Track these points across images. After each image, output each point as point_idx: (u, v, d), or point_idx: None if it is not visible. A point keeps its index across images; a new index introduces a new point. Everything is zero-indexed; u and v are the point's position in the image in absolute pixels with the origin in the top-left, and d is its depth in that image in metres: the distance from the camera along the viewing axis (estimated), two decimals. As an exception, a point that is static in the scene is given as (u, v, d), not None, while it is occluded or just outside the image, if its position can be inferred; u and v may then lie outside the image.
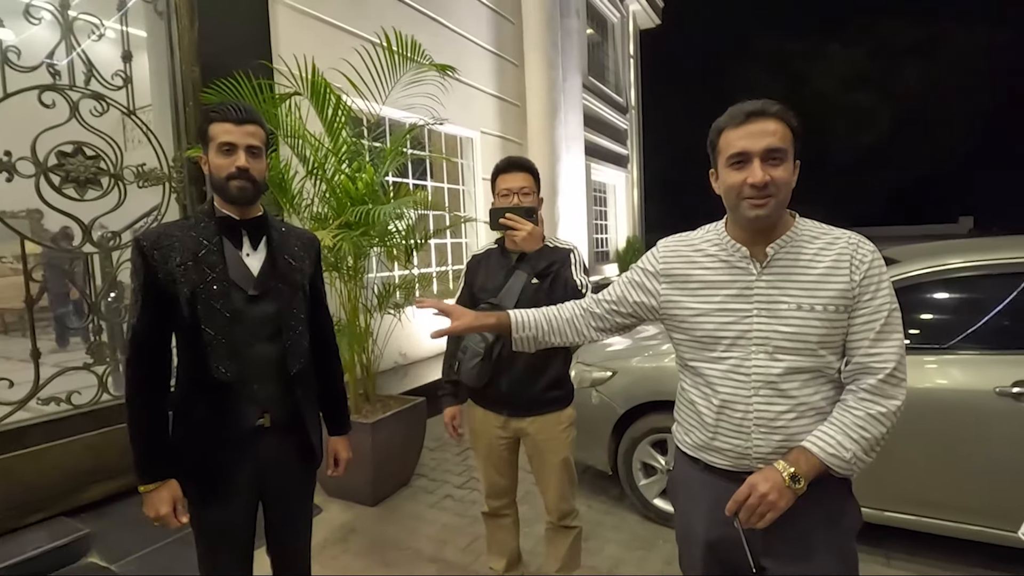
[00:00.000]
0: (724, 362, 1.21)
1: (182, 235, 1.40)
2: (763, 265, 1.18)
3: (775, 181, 1.11)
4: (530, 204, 1.93)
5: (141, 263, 1.37)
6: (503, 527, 2.21)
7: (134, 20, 3.12)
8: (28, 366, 2.63)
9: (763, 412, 1.17)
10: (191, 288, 1.37)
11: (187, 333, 1.40)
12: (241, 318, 1.43)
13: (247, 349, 1.44)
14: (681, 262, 1.30)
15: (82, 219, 2.78)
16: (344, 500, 3.16)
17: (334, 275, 3.16)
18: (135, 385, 1.40)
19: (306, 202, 3.20)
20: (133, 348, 1.39)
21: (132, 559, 2.46)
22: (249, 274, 1.46)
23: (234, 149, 1.39)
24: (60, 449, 2.63)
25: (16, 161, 2.55)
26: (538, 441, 2.00)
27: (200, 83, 3.18)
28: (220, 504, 1.45)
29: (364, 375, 3.29)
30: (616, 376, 2.92)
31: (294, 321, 1.52)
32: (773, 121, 1.13)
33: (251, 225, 1.48)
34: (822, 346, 1.14)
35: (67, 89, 2.72)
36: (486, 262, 2.06)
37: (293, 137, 3.13)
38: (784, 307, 1.15)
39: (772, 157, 1.12)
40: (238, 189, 1.40)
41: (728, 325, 1.20)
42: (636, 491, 2.89)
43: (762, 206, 1.13)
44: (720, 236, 1.26)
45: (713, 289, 1.23)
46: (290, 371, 1.50)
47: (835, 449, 1.10)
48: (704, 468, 1.28)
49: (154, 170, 3.04)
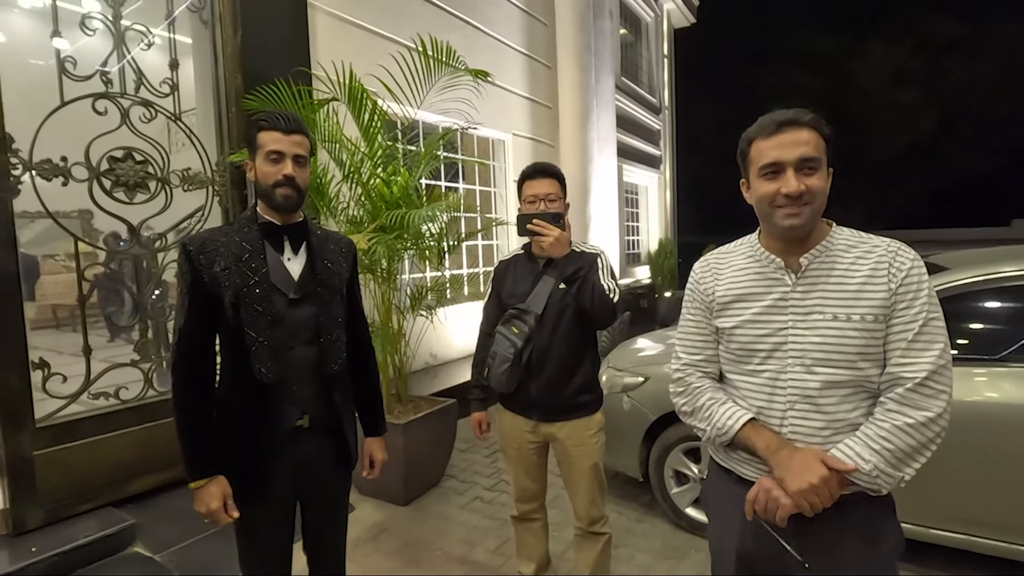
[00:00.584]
0: (760, 375, 1.20)
1: (226, 240, 1.45)
2: (798, 275, 1.16)
3: (810, 190, 1.11)
4: (556, 210, 1.93)
5: (188, 267, 1.41)
6: (532, 531, 2.22)
7: (181, 29, 3.24)
8: (80, 361, 2.76)
9: (798, 427, 1.15)
10: (235, 291, 1.41)
11: (230, 335, 1.44)
12: (282, 321, 1.47)
13: (287, 351, 1.47)
14: (715, 277, 1.29)
15: (131, 221, 2.90)
16: (376, 499, 3.21)
17: (368, 277, 3.21)
18: (182, 385, 1.44)
19: (342, 205, 3.26)
20: (180, 350, 1.43)
21: (174, 550, 2.55)
22: (290, 278, 1.50)
23: (282, 158, 1.43)
24: (109, 442, 2.75)
25: (71, 166, 2.67)
26: (567, 446, 2.00)
27: (242, 89, 3.27)
28: (260, 502, 1.49)
29: (396, 376, 3.33)
30: (648, 382, 2.89)
31: (332, 324, 1.56)
32: (806, 130, 1.12)
33: (292, 230, 1.52)
34: (862, 358, 1.11)
35: (118, 96, 2.84)
36: (513, 268, 2.07)
37: (330, 142, 3.20)
38: (820, 318, 1.13)
39: (806, 166, 1.11)
40: (283, 197, 1.44)
41: (764, 337, 1.19)
42: (668, 499, 2.85)
43: (797, 215, 1.12)
44: (754, 247, 1.25)
45: (748, 301, 1.22)
46: (328, 373, 1.54)
47: (854, 460, 1.07)
48: (737, 480, 1.26)
49: (198, 174, 3.15)
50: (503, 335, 1.96)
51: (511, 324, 1.96)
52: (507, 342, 1.93)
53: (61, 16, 2.69)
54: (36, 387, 2.56)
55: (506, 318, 1.99)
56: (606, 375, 3.18)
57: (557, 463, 2.09)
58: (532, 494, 2.14)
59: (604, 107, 7.72)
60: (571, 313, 1.92)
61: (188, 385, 1.44)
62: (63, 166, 2.64)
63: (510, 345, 1.92)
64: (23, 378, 2.50)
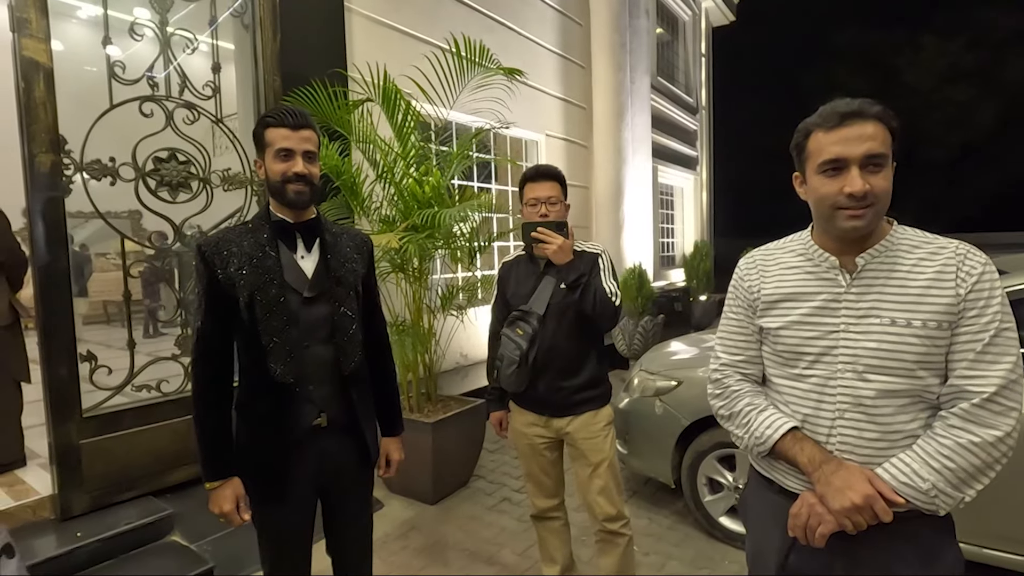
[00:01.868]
0: (806, 380, 1.12)
1: (240, 240, 1.44)
2: (853, 276, 1.08)
3: (875, 190, 1.02)
4: (557, 212, 1.97)
5: (203, 268, 1.41)
6: (553, 531, 2.19)
7: (223, 34, 3.33)
8: (125, 354, 2.86)
9: (847, 437, 1.07)
10: (249, 291, 1.41)
11: (247, 335, 1.44)
12: (297, 320, 1.45)
13: (303, 350, 1.46)
14: (761, 274, 1.22)
15: (174, 220, 3.00)
16: (405, 497, 3.23)
17: (399, 276, 3.23)
18: (200, 386, 1.45)
19: (375, 205, 3.30)
20: (198, 350, 1.44)
21: (210, 540, 2.61)
22: (304, 277, 1.48)
23: (291, 154, 1.42)
24: (150, 433, 2.84)
25: (119, 166, 2.77)
26: (578, 441, 2.02)
27: (281, 92, 3.35)
28: (280, 502, 1.49)
29: (426, 375, 3.34)
30: (682, 386, 2.82)
31: (347, 322, 1.54)
32: (872, 123, 1.02)
33: (305, 228, 1.50)
34: (921, 366, 1.02)
35: (164, 99, 2.93)
36: (516, 269, 2.11)
37: (364, 142, 3.24)
38: (876, 322, 1.05)
39: (872, 163, 1.02)
40: (295, 193, 1.42)
41: (812, 340, 1.11)
42: (701, 507, 2.77)
43: (859, 217, 1.03)
44: (806, 245, 1.17)
45: (795, 301, 1.14)
46: (344, 371, 1.52)
47: (908, 478, 0.99)
48: (779, 491, 1.19)
49: (237, 174, 3.23)
50: (508, 337, 1.99)
51: (515, 326, 1.99)
52: (512, 344, 1.97)
53: (112, 24, 2.80)
54: (84, 379, 2.66)
55: (510, 320, 2.03)
56: (638, 378, 3.12)
57: (571, 463, 2.09)
58: (548, 490, 2.14)
59: (639, 107, 7.61)
60: (574, 312, 1.95)
61: (206, 386, 1.45)
62: (111, 166, 2.75)
63: (516, 347, 1.95)
64: (71, 370, 2.60)
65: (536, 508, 2.17)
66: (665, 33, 10.28)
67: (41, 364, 2.55)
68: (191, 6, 3.13)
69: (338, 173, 3.15)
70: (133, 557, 2.49)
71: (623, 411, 3.13)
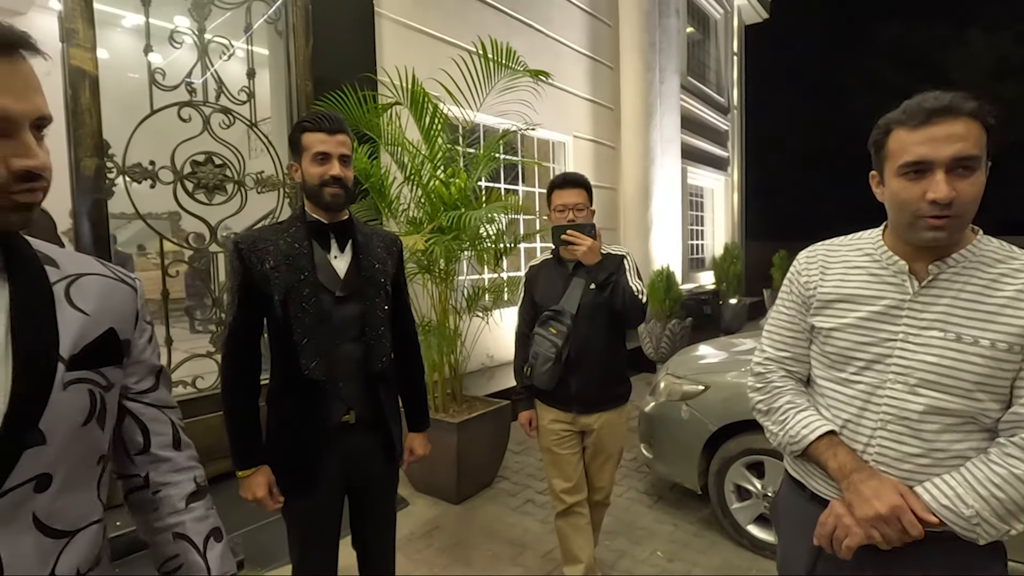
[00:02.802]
0: (852, 386, 1.07)
1: (276, 239, 1.48)
2: (922, 284, 1.01)
3: (961, 197, 0.92)
4: (583, 218, 2.07)
5: (239, 265, 1.45)
6: (578, 528, 2.21)
7: (258, 40, 3.43)
8: (163, 351, 2.96)
9: (887, 449, 1.02)
10: (283, 289, 1.44)
11: (279, 332, 1.47)
12: (328, 318, 1.48)
13: (334, 348, 1.49)
14: (822, 271, 1.15)
15: (210, 221, 3.09)
16: (430, 496, 3.26)
17: (426, 277, 3.27)
18: (231, 379, 1.49)
19: (403, 207, 3.34)
20: (230, 345, 1.48)
21: (240, 534, 2.68)
22: (336, 276, 1.51)
23: (328, 158, 1.45)
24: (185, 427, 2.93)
25: (158, 169, 2.88)
26: (602, 434, 2.16)
27: (312, 96, 3.43)
28: (308, 495, 1.53)
29: (452, 375, 3.37)
30: (709, 391, 2.77)
31: (377, 321, 1.56)
32: (964, 121, 0.92)
33: (338, 228, 1.53)
34: (981, 388, 0.95)
35: (201, 105, 3.03)
36: (544, 272, 2.20)
37: (393, 145, 3.28)
38: (938, 336, 0.98)
39: (960, 167, 0.92)
40: (332, 196, 1.46)
41: (864, 346, 1.05)
42: (728, 515, 2.72)
43: (942, 227, 0.94)
44: (875, 244, 1.10)
45: (853, 303, 1.08)
46: (372, 370, 1.55)
47: (950, 502, 0.93)
48: (811, 497, 1.15)
49: (270, 177, 3.31)
50: (543, 336, 2.07)
51: (548, 325, 2.07)
52: (548, 343, 2.05)
53: (153, 32, 2.91)
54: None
55: (542, 320, 2.10)
56: (664, 382, 3.08)
57: (586, 450, 2.22)
58: (575, 484, 2.20)
59: (668, 108, 7.53)
60: (604, 311, 2.05)
61: (237, 379, 1.49)
62: (151, 169, 2.85)
63: (551, 345, 2.04)
64: (113, 365, 2.71)
65: (564, 504, 2.20)
66: (696, 32, 10.14)
67: (85, 359, 2.66)
68: (228, 14, 3.23)
69: (367, 175, 3.20)
70: (168, 547, 2.57)
71: (648, 415, 3.10)
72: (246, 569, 2.48)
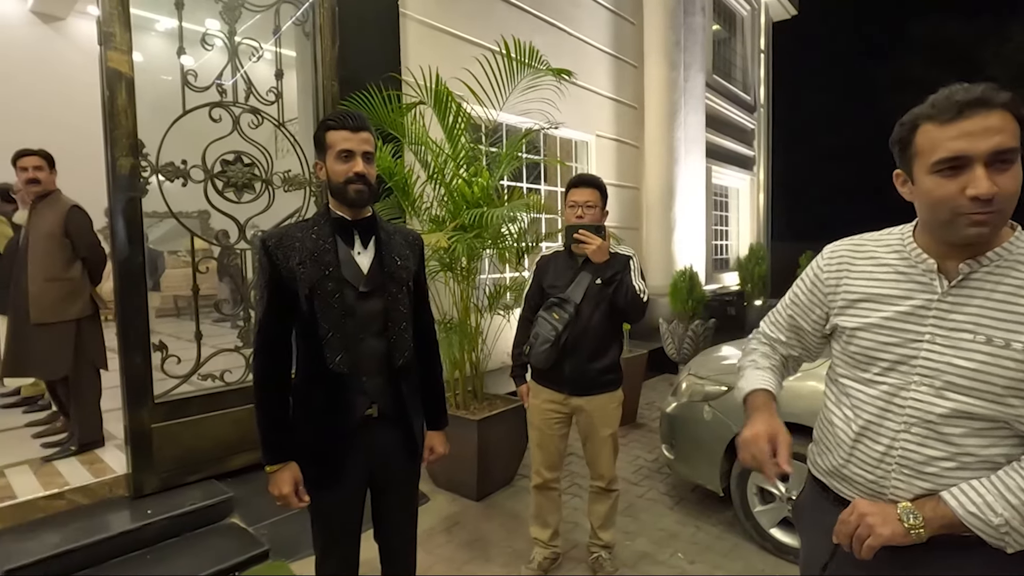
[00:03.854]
0: (875, 386, 1.05)
1: (302, 235, 1.51)
2: (952, 283, 0.97)
3: (1003, 192, 0.88)
4: (592, 215, 2.23)
5: (267, 261, 1.48)
6: (551, 500, 2.48)
7: (286, 42, 3.49)
8: (193, 345, 3.05)
9: (910, 452, 0.99)
10: (309, 285, 1.47)
11: (305, 327, 1.50)
12: (352, 313, 1.51)
13: (358, 343, 1.51)
14: (847, 269, 1.12)
15: (239, 219, 3.16)
16: (450, 492, 3.28)
17: (448, 275, 3.29)
18: (261, 374, 1.52)
19: (426, 205, 3.37)
20: (259, 340, 1.52)
21: (267, 524, 2.74)
22: (360, 272, 1.54)
23: (352, 155, 1.48)
24: (214, 420, 3.01)
25: (190, 168, 2.96)
26: (592, 417, 2.32)
27: (338, 96, 3.48)
28: (331, 488, 1.55)
29: (473, 373, 3.39)
30: (732, 391, 2.74)
31: (399, 317, 1.58)
32: (999, 113, 0.88)
33: (362, 225, 1.56)
34: (1013, 393, 0.92)
35: (231, 105, 3.11)
36: (554, 262, 2.38)
37: (416, 144, 3.32)
38: (968, 337, 0.95)
39: (999, 160, 0.88)
40: (356, 192, 1.48)
41: (888, 346, 1.02)
42: (751, 518, 2.69)
43: (985, 223, 0.90)
44: (904, 242, 1.06)
45: (878, 303, 1.05)
46: (395, 365, 1.57)
47: (978, 509, 0.90)
48: (835, 500, 1.13)
49: (297, 176, 3.37)
50: (545, 319, 2.26)
51: (553, 310, 2.26)
52: (549, 326, 2.23)
53: (186, 35, 2.99)
54: (155, 367, 2.86)
55: (548, 305, 2.29)
56: (686, 382, 3.06)
57: (580, 433, 2.41)
58: (554, 462, 2.44)
59: (693, 106, 7.43)
60: (605, 306, 2.24)
61: (267, 374, 1.52)
62: (183, 168, 2.93)
63: (552, 328, 2.22)
64: (145, 358, 2.80)
65: (542, 478, 2.44)
66: (722, 30, 10.00)
67: (119, 352, 2.75)
68: (257, 16, 3.30)
69: (391, 174, 3.24)
70: (196, 536, 2.64)
71: (670, 415, 3.08)
72: (272, 559, 2.54)
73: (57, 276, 2.96)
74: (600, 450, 2.36)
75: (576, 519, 2.95)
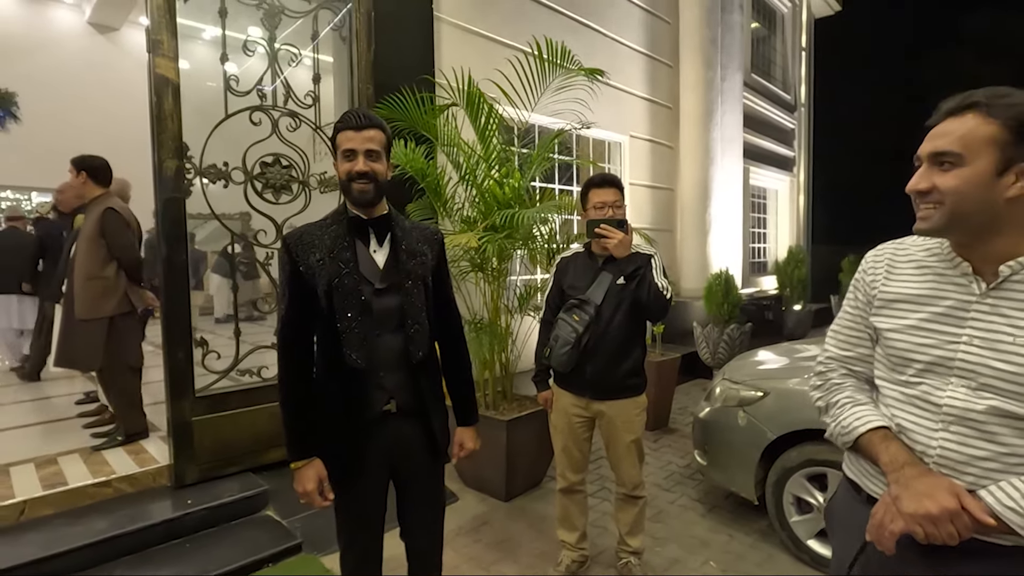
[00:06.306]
0: (912, 387, 1.04)
1: (320, 233, 1.54)
2: (989, 285, 0.97)
3: (938, 188, 0.97)
4: (619, 215, 2.21)
5: (287, 259, 1.52)
6: (577, 503, 2.45)
7: (324, 47, 3.58)
8: (231, 342, 3.15)
9: (951, 452, 0.97)
10: (327, 281, 1.49)
11: (324, 323, 1.53)
12: (369, 309, 1.52)
13: (375, 339, 1.53)
14: (887, 270, 1.13)
15: (276, 220, 3.25)
16: (479, 492, 3.29)
17: (478, 275, 3.31)
18: (285, 371, 1.55)
19: (457, 206, 3.39)
20: (282, 337, 1.55)
21: (300, 517, 2.80)
22: (376, 268, 1.56)
23: (354, 154, 1.49)
24: (251, 414, 3.10)
25: (231, 170, 3.06)
26: (615, 423, 2.27)
27: (373, 99, 3.54)
28: (352, 482, 1.57)
29: (503, 374, 3.39)
30: (768, 397, 2.67)
31: (416, 312, 1.59)
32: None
33: (377, 223, 1.58)
34: None
35: (271, 109, 3.20)
36: (574, 263, 2.35)
37: (448, 145, 3.34)
38: (1007, 340, 0.93)
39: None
40: (359, 191, 1.50)
41: (924, 348, 1.02)
42: (787, 527, 2.61)
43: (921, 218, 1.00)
44: (941, 243, 1.06)
45: (914, 304, 1.05)
46: (413, 360, 1.58)
47: (1018, 504, 0.88)
48: (867, 499, 1.11)
49: (333, 177, 3.45)
50: (565, 321, 2.22)
51: (573, 312, 2.22)
52: (569, 328, 2.20)
53: (228, 42, 3.09)
54: (196, 362, 2.96)
55: (568, 307, 2.25)
56: (720, 387, 2.99)
57: (603, 439, 2.36)
58: (579, 465, 2.40)
59: (730, 106, 7.28)
60: (627, 306, 2.20)
61: (290, 371, 1.55)
62: (225, 170, 3.03)
63: (572, 331, 2.18)
64: (187, 353, 2.90)
65: (567, 482, 2.41)
66: (762, 27, 9.76)
67: (164, 347, 2.86)
68: (296, 23, 3.39)
69: (423, 175, 3.27)
70: (233, 527, 2.72)
71: (703, 421, 3.01)
72: (304, 553, 2.59)
73: (94, 275, 3.11)
74: (623, 456, 2.31)
75: (604, 523, 2.92)
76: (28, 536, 2.40)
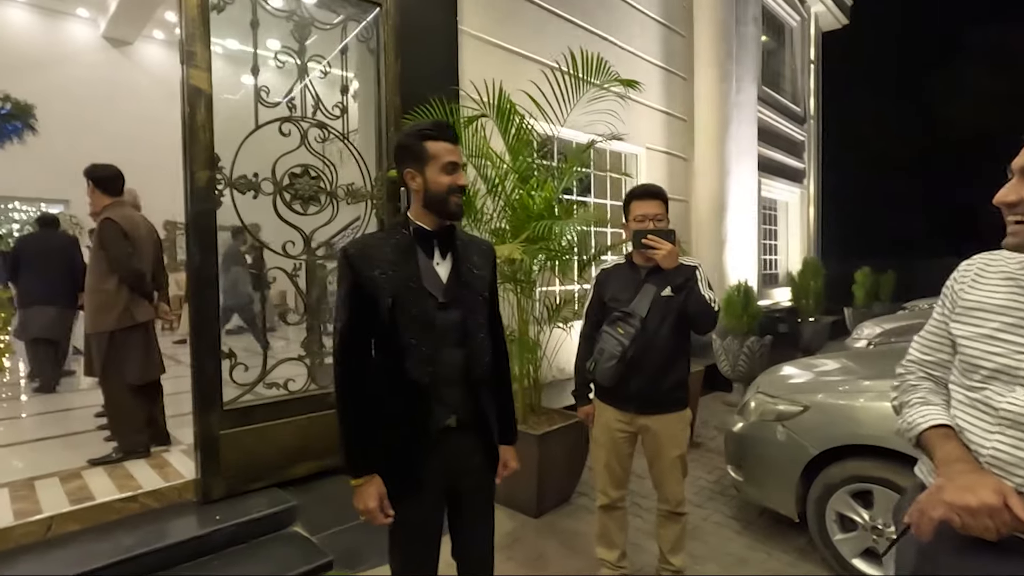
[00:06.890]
0: (977, 392, 1.05)
1: (382, 245, 1.50)
2: None
3: None
4: (662, 227, 2.17)
5: (348, 271, 1.48)
6: (616, 519, 2.41)
7: (351, 58, 3.58)
8: (259, 355, 3.11)
9: (1002, 453, 0.98)
10: (391, 294, 1.45)
11: (385, 336, 1.49)
12: (433, 324, 1.49)
13: (438, 353, 1.50)
14: (974, 279, 1.13)
15: (304, 230, 3.23)
16: (509, 508, 3.23)
17: (508, 288, 3.27)
18: (343, 385, 1.50)
19: (486, 217, 3.37)
20: (340, 350, 1.50)
21: (329, 534, 2.74)
22: (440, 282, 1.53)
23: (456, 167, 1.49)
24: (277, 428, 3.05)
25: (260, 181, 3.04)
26: (660, 437, 2.24)
27: (400, 111, 3.53)
28: (411, 499, 1.52)
29: (532, 386, 3.35)
30: (809, 412, 2.62)
31: (477, 328, 1.57)
32: None
33: (442, 236, 1.55)
34: None
35: (299, 120, 3.19)
36: (616, 275, 2.31)
37: (477, 156, 3.33)
38: None
39: None
40: (457, 205, 1.50)
41: (990, 355, 1.02)
42: (830, 546, 2.54)
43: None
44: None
45: (987, 312, 1.05)
46: (473, 375, 1.55)
47: None
48: None
49: (359, 188, 3.43)
50: (610, 334, 2.18)
51: (617, 325, 2.18)
52: (614, 341, 2.16)
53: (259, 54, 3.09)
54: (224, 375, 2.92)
55: (612, 320, 2.21)
56: (755, 401, 2.94)
57: (646, 454, 2.32)
58: (620, 481, 2.36)
59: (744, 118, 7.29)
60: (673, 318, 2.16)
61: (349, 385, 1.50)
62: (254, 181, 3.01)
63: (617, 344, 2.15)
64: (215, 366, 2.86)
65: (608, 499, 2.37)
66: (771, 40, 9.82)
67: (192, 359, 2.82)
68: (325, 34, 3.39)
69: (452, 187, 3.26)
70: (261, 543, 2.66)
71: (738, 435, 2.96)
72: (335, 570, 2.53)
73: (94, 288, 3.10)
74: (668, 472, 2.27)
75: (638, 540, 2.85)
76: (55, 553, 2.35)
